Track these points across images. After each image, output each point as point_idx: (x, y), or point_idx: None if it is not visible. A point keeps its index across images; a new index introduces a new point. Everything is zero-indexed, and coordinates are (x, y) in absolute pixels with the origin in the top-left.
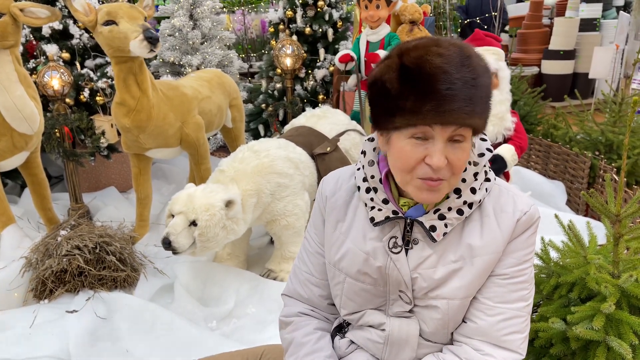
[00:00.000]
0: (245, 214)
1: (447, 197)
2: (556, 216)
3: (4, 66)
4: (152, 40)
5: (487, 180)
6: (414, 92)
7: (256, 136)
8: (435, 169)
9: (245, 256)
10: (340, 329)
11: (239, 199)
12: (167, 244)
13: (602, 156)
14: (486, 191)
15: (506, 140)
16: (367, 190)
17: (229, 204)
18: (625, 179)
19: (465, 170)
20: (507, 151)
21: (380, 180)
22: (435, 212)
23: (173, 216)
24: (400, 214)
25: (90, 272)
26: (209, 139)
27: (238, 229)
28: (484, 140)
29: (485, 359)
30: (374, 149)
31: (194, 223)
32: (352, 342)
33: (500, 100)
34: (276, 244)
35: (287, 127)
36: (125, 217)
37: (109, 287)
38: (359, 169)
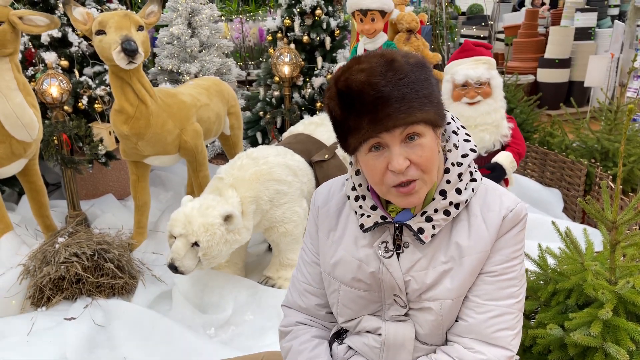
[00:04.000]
0: (246, 221)
1: (433, 199)
2: (553, 223)
3: (3, 74)
4: (128, 52)
5: (473, 180)
6: (351, 112)
7: (254, 144)
8: (398, 173)
9: (243, 263)
10: (339, 336)
11: (237, 210)
12: (173, 269)
13: (598, 164)
14: (472, 191)
15: (504, 147)
16: (356, 199)
17: (227, 218)
18: (621, 186)
19: (449, 171)
20: (505, 158)
21: (368, 188)
22: (422, 215)
23: (174, 237)
24: (388, 219)
25: (88, 279)
26: (207, 146)
27: (241, 238)
28: (467, 141)
29: (476, 356)
30: None
31: (196, 244)
32: (350, 348)
33: (495, 108)
34: (274, 251)
35: (285, 135)
36: (123, 224)
37: (107, 294)
38: (348, 179)
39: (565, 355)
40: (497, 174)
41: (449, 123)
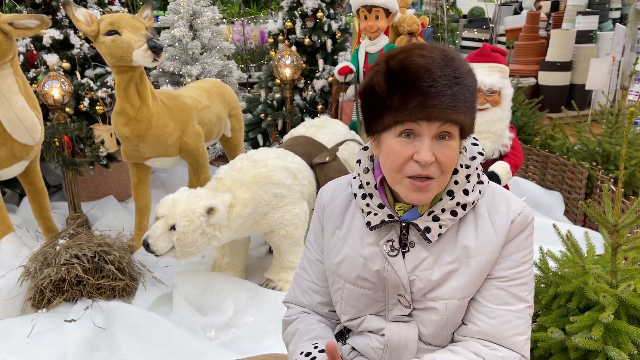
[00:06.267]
0: (232, 222)
1: (440, 199)
2: (554, 226)
3: (4, 78)
4: (155, 50)
5: (480, 182)
6: (399, 90)
7: (255, 146)
8: (423, 165)
9: (243, 265)
10: (341, 336)
11: (223, 206)
12: (146, 246)
13: (600, 167)
14: (479, 193)
15: (502, 157)
16: (363, 197)
17: (210, 210)
18: (622, 190)
19: (457, 172)
20: (502, 168)
21: (376, 187)
22: (429, 214)
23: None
24: (395, 218)
25: (88, 281)
26: (208, 148)
27: (221, 236)
28: (475, 144)
29: (493, 353)
30: (369, 157)
31: (173, 227)
32: (353, 348)
33: (501, 117)
34: (275, 253)
35: (286, 137)
36: (124, 226)
37: (108, 296)
38: (355, 177)
39: (566, 359)
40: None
41: None
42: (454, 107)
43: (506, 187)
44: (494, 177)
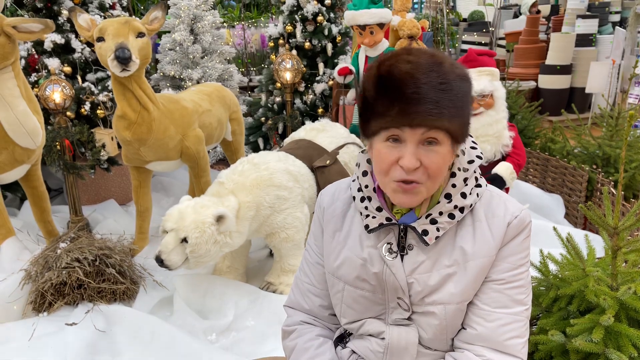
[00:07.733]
0: (241, 227)
1: (438, 202)
2: (555, 229)
3: (6, 82)
4: (120, 60)
5: (478, 185)
6: (384, 96)
7: (256, 149)
8: (407, 170)
9: (244, 269)
10: (342, 339)
11: (231, 213)
12: (160, 261)
13: (600, 170)
14: (477, 196)
15: (504, 157)
16: (362, 200)
17: (219, 219)
18: (622, 192)
19: (455, 176)
20: (505, 170)
21: (374, 190)
22: (427, 217)
23: (166, 232)
24: (393, 221)
25: (89, 284)
26: (208, 152)
27: (232, 242)
28: (473, 148)
29: None
30: (368, 160)
31: (185, 240)
32: (353, 352)
33: (497, 119)
34: (275, 256)
35: (286, 141)
36: (125, 230)
37: (109, 299)
38: (354, 180)
39: None
40: (496, 185)
41: None
42: (438, 114)
43: (506, 190)
44: (498, 179)
